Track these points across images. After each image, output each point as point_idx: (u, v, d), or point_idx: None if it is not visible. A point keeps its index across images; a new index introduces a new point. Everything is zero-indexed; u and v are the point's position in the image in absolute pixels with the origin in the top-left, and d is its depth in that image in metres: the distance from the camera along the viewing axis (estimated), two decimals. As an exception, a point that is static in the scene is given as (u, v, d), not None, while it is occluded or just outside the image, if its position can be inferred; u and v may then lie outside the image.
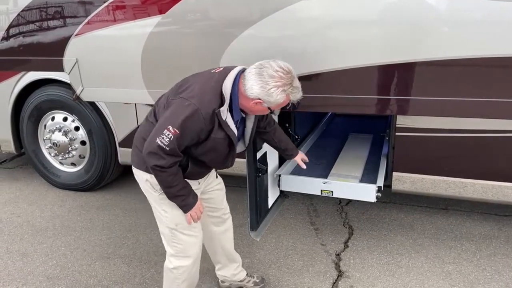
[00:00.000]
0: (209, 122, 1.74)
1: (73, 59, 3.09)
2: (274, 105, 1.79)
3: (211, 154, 1.87)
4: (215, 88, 1.76)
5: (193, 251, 2.01)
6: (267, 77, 1.73)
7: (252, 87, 1.74)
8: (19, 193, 3.85)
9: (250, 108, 1.82)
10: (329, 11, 2.39)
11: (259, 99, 1.76)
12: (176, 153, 1.74)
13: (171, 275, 2.04)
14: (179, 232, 1.96)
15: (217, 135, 1.80)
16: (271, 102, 1.76)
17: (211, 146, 1.82)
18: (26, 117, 3.75)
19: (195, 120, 1.71)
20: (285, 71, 1.75)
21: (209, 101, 1.73)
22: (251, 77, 1.75)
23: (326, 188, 2.75)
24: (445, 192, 2.70)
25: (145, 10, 2.77)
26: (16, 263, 2.77)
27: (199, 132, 1.75)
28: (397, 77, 2.39)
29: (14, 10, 3.27)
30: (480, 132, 2.51)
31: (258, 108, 1.81)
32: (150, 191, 1.94)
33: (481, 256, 2.69)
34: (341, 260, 2.70)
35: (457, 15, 2.21)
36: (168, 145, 1.70)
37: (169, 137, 1.69)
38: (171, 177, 1.78)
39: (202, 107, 1.71)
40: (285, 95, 1.76)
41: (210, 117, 1.73)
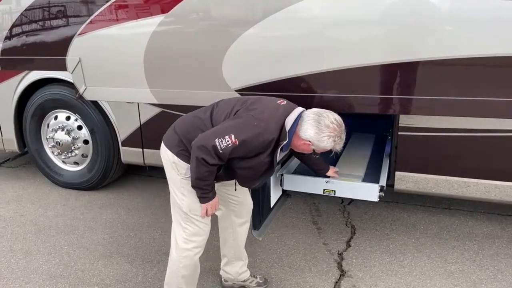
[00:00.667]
0: (265, 146, 1.88)
1: (76, 58, 3.09)
2: (320, 149, 1.97)
3: (248, 172, 1.96)
4: (279, 121, 1.92)
5: (200, 236, 2.06)
6: (323, 126, 1.91)
7: (307, 130, 1.91)
8: (22, 192, 3.87)
9: (298, 146, 1.98)
10: (331, 11, 2.39)
11: (309, 141, 1.93)
12: (224, 158, 1.84)
13: (175, 257, 2.08)
14: (191, 217, 2.02)
15: (264, 159, 1.92)
16: (319, 147, 1.94)
17: (253, 164, 1.92)
18: (29, 116, 3.76)
19: (256, 140, 1.84)
20: (339, 124, 1.94)
21: (273, 130, 1.88)
22: (309, 121, 1.92)
23: (329, 187, 2.76)
24: (448, 191, 2.70)
25: (147, 9, 2.78)
26: (19, 262, 2.78)
27: (252, 149, 1.87)
28: (400, 77, 2.39)
29: (17, 9, 3.27)
30: (483, 132, 2.50)
31: (304, 148, 1.97)
32: (174, 173, 2.00)
33: (484, 256, 2.68)
34: (344, 260, 2.70)
35: (461, 14, 2.21)
36: (224, 149, 1.80)
37: (228, 143, 1.79)
38: (207, 173, 1.87)
39: (266, 133, 1.86)
40: (333, 144, 1.94)
41: (268, 143, 1.87)
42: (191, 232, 2.04)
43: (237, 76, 2.67)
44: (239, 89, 2.68)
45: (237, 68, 2.66)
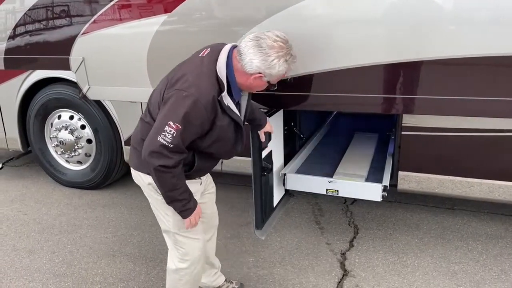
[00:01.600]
0: (211, 110, 1.66)
1: (80, 58, 3.10)
2: (275, 77, 1.74)
3: (219, 144, 1.79)
4: (209, 74, 1.68)
5: (195, 253, 1.98)
6: (267, 49, 1.65)
7: (251, 62, 1.66)
8: (25, 191, 3.88)
9: (249, 85, 1.74)
10: (334, 10, 2.38)
11: (259, 73, 1.68)
12: (181, 150, 1.66)
13: (174, 276, 2.03)
14: (182, 235, 1.92)
15: (222, 122, 1.72)
16: (272, 75, 1.71)
17: (218, 135, 1.75)
18: (33, 116, 3.77)
19: (197, 111, 1.63)
20: (284, 40, 1.69)
21: (207, 88, 1.65)
22: (249, 50, 1.67)
23: (332, 187, 2.74)
24: (451, 191, 2.69)
25: (150, 9, 2.78)
26: (23, 260, 2.79)
27: (202, 123, 1.67)
28: (403, 76, 2.38)
29: (21, 9, 3.28)
30: (487, 131, 2.49)
31: (257, 83, 1.74)
32: (154, 195, 1.88)
33: (488, 256, 2.67)
34: (346, 259, 2.69)
35: (464, 13, 2.20)
36: (171, 142, 1.61)
37: (171, 133, 1.61)
38: (175, 179, 1.69)
39: (201, 96, 1.63)
40: (287, 65, 1.71)
41: (211, 105, 1.65)
42: (185, 251, 1.95)
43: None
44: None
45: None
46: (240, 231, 3.06)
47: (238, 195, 3.60)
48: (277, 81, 1.82)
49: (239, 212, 3.34)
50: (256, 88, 1.80)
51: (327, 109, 3.78)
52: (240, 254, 2.79)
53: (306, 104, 2.69)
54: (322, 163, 3.27)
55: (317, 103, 2.64)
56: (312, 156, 3.44)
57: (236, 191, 3.68)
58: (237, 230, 3.07)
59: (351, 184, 2.74)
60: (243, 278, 2.53)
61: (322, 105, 2.71)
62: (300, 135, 3.39)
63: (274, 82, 1.78)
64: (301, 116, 3.39)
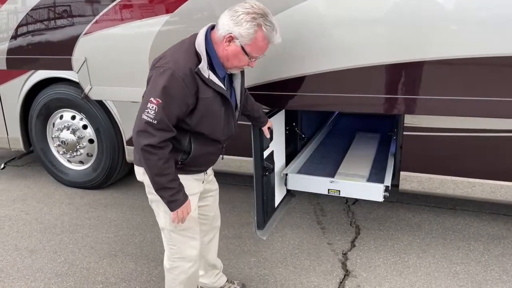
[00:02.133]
0: (191, 83, 1.64)
1: (82, 58, 3.11)
2: (246, 40, 1.65)
3: (209, 121, 1.76)
4: (188, 49, 1.69)
5: (190, 253, 1.97)
6: (237, 7, 1.65)
7: (223, 24, 1.66)
8: (27, 190, 3.89)
9: (226, 55, 1.70)
10: (336, 10, 2.38)
11: (230, 33, 1.65)
12: (166, 127, 1.64)
13: (169, 275, 2.03)
14: (178, 234, 1.92)
15: (206, 95, 1.69)
16: (242, 35, 1.64)
17: (204, 109, 1.71)
18: (35, 116, 3.78)
19: (175, 83, 1.61)
20: (256, 5, 1.67)
21: (184, 61, 1.64)
22: (221, 16, 1.68)
23: (333, 187, 2.75)
24: (453, 192, 2.69)
25: (152, 9, 2.79)
26: (25, 260, 2.79)
27: (184, 96, 1.65)
28: (404, 76, 2.38)
29: (23, 9, 3.29)
30: (489, 132, 2.49)
31: (232, 50, 1.68)
32: (153, 191, 1.85)
33: (489, 257, 2.67)
34: (348, 260, 2.69)
35: (465, 13, 2.20)
36: (154, 117, 1.60)
37: (153, 109, 1.60)
38: (162, 162, 1.66)
39: (178, 69, 1.62)
40: (257, 26, 1.64)
41: (189, 78, 1.63)
42: (180, 250, 1.94)
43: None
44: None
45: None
46: (241, 231, 3.06)
47: (240, 195, 3.61)
48: (256, 53, 1.72)
49: (241, 212, 3.34)
50: (235, 59, 1.72)
51: (328, 109, 3.78)
52: (242, 254, 2.79)
53: (307, 104, 2.70)
54: (324, 163, 3.28)
55: (319, 103, 2.64)
56: (314, 156, 3.45)
57: (237, 191, 3.68)
58: (239, 230, 3.07)
59: (353, 184, 2.74)
60: (244, 278, 2.53)
61: (324, 106, 2.72)
62: (301, 135, 3.40)
63: (250, 51, 1.68)
64: (303, 117, 3.39)
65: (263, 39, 1.69)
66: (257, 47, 1.70)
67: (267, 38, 1.69)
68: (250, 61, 1.76)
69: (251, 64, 1.78)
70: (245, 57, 1.71)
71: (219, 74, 1.74)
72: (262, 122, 2.34)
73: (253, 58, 1.75)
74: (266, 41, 1.70)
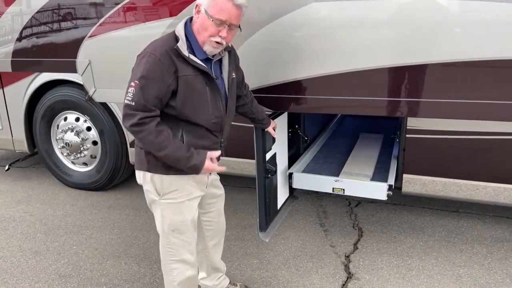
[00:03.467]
0: (167, 62, 1.67)
1: (86, 61, 3.13)
2: (207, 4, 1.69)
3: (194, 101, 1.75)
4: (168, 36, 1.77)
5: (187, 256, 1.97)
6: None
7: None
8: (31, 192, 3.91)
9: (197, 28, 1.74)
10: (340, 13, 2.39)
11: (197, 4, 1.73)
12: (145, 108, 1.66)
13: (167, 277, 2.03)
14: (175, 237, 1.92)
15: (185, 73, 1.71)
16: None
17: (186, 89, 1.72)
18: (39, 117, 3.81)
19: (152, 64, 1.66)
20: None
21: (162, 44, 1.71)
22: None
23: (338, 186, 2.78)
24: (456, 194, 2.68)
25: (156, 12, 2.80)
26: (29, 261, 2.81)
27: (161, 75, 1.67)
28: (407, 79, 2.39)
29: (28, 12, 3.32)
30: (492, 134, 2.49)
31: (201, 19, 1.72)
32: (150, 195, 1.89)
33: (493, 260, 2.66)
34: (351, 262, 2.69)
35: (468, 16, 2.20)
36: (132, 99, 1.66)
37: (132, 91, 1.66)
38: (153, 136, 1.68)
39: (154, 51, 1.68)
40: None
41: (166, 57, 1.67)
42: (177, 253, 1.95)
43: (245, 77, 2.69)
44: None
45: (245, 69, 2.67)
46: (244, 233, 3.07)
47: (242, 197, 3.61)
48: (218, 15, 1.70)
49: (243, 214, 3.35)
50: (203, 30, 1.72)
51: (331, 112, 3.80)
52: (244, 256, 2.79)
53: (310, 107, 2.71)
54: (328, 163, 3.31)
55: (323, 106, 2.65)
56: (318, 156, 3.48)
57: (240, 193, 3.69)
58: (241, 232, 3.08)
59: (357, 183, 2.77)
60: (247, 281, 2.53)
61: (327, 108, 2.73)
62: (304, 138, 3.40)
63: (212, 13, 1.69)
64: (305, 119, 3.40)
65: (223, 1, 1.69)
66: (218, 7, 1.70)
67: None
68: (217, 27, 1.71)
69: (222, 33, 1.73)
70: (209, 21, 1.70)
71: (198, 55, 1.76)
72: (265, 124, 2.37)
73: (217, 21, 1.71)
74: (227, 1, 1.70)
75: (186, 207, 1.91)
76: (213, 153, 1.84)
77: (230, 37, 1.79)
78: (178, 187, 1.86)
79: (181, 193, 1.88)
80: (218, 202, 2.18)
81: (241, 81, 2.16)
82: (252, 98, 2.26)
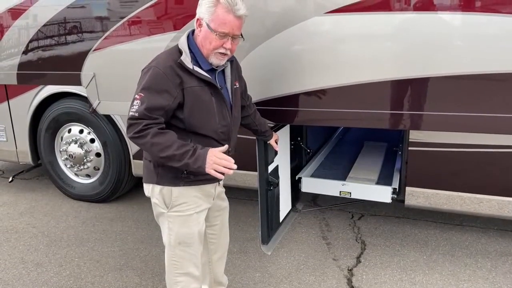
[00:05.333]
0: (172, 74, 1.69)
1: (91, 73, 3.17)
2: (208, 15, 1.70)
3: (201, 112, 1.76)
4: (171, 50, 1.79)
5: (192, 270, 1.96)
6: None
7: (198, 13, 1.76)
8: (35, 203, 3.92)
9: (200, 41, 1.75)
10: (342, 27, 2.41)
11: (198, 18, 1.74)
12: (148, 116, 1.67)
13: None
14: (180, 250, 1.92)
15: (191, 84, 1.72)
16: (204, 12, 1.71)
17: (193, 99, 1.73)
18: (44, 129, 3.84)
19: (156, 77, 1.68)
20: None
21: (166, 58, 1.73)
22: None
23: (345, 189, 2.94)
24: (460, 208, 2.67)
25: (160, 26, 2.84)
26: (31, 273, 2.80)
27: (166, 87, 1.68)
28: (409, 92, 2.40)
29: (35, 25, 3.37)
30: (496, 148, 2.49)
31: (203, 33, 1.73)
32: (160, 208, 1.89)
33: (497, 274, 2.63)
34: (354, 276, 2.67)
35: (472, 30, 2.21)
36: (136, 110, 1.67)
37: (137, 104, 1.68)
38: (157, 137, 1.66)
39: (159, 64, 1.71)
40: (217, 2, 1.69)
41: (170, 70, 1.69)
42: (183, 266, 1.95)
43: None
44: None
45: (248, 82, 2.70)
46: (246, 246, 3.05)
47: (244, 210, 3.60)
48: (221, 28, 1.71)
49: (245, 226, 3.34)
50: (207, 42, 1.74)
51: (333, 125, 3.82)
52: (247, 269, 2.77)
53: (313, 120, 2.72)
54: (334, 169, 3.44)
55: (323, 118, 2.66)
56: (325, 164, 3.64)
57: (242, 205, 3.68)
58: (244, 245, 3.06)
59: (363, 187, 2.93)
60: (249, 294, 2.51)
61: (329, 121, 2.74)
62: (306, 150, 3.41)
63: (214, 27, 1.70)
64: (308, 131, 3.41)
65: (224, 11, 1.70)
66: (219, 21, 1.70)
67: (228, 9, 1.70)
68: (220, 39, 1.73)
69: (226, 44, 1.75)
70: (213, 35, 1.71)
71: (203, 66, 1.78)
72: (267, 136, 2.38)
73: (221, 34, 1.72)
74: (227, 14, 1.70)
75: (193, 220, 1.91)
76: (216, 149, 1.75)
77: (234, 47, 1.81)
78: (186, 200, 1.87)
79: (189, 206, 1.88)
80: (223, 215, 2.18)
81: (244, 92, 2.17)
82: (255, 110, 2.27)
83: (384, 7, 2.31)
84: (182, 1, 2.75)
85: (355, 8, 2.33)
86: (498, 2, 2.15)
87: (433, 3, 2.24)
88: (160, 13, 2.82)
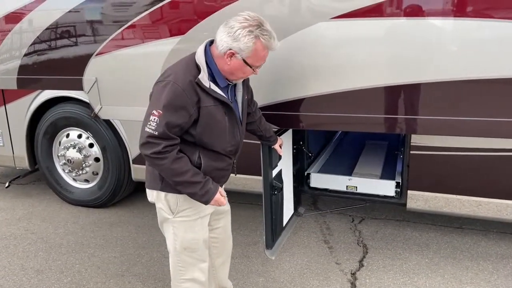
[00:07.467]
0: (191, 93, 1.68)
1: (93, 78, 3.15)
2: (246, 53, 1.68)
3: (213, 130, 1.78)
4: (188, 62, 1.75)
5: (198, 275, 1.96)
6: (232, 22, 1.67)
7: (221, 40, 1.68)
8: (32, 209, 3.87)
9: (230, 69, 1.74)
10: (345, 33, 2.43)
11: (230, 49, 1.68)
12: (168, 136, 1.67)
13: None
14: (186, 256, 1.92)
15: (207, 104, 1.73)
16: (242, 49, 1.67)
17: (207, 118, 1.74)
18: (41, 134, 3.80)
19: (176, 94, 1.66)
20: (250, 16, 1.69)
21: (184, 73, 1.70)
22: (218, 32, 1.71)
23: (351, 184, 3.12)
24: (459, 210, 2.70)
25: (163, 31, 2.84)
26: (31, 280, 2.77)
27: (185, 106, 1.68)
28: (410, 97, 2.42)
29: (36, 29, 3.33)
30: (495, 151, 2.52)
31: (235, 64, 1.71)
32: (165, 214, 1.90)
33: (499, 276, 2.66)
34: (357, 280, 2.68)
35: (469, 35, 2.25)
36: (156, 129, 1.65)
37: (155, 121, 1.65)
38: (176, 163, 1.69)
39: (178, 80, 1.67)
40: (255, 38, 1.66)
41: (189, 87, 1.68)
42: (189, 272, 1.95)
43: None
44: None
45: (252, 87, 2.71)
46: (249, 251, 3.05)
47: (245, 214, 3.60)
48: (258, 63, 1.76)
49: (248, 231, 3.33)
50: (239, 72, 1.76)
51: (334, 129, 3.86)
52: (250, 274, 2.77)
53: (315, 124, 2.73)
54: (339, 166, 3.59)
55: (325, 123, 2.68)
56: (329, 161, 3.81)
57: (243, 209, 3.67)
58: (246, 250, 3.06)
59: (368, 181, 3.11)
60: (253, 299, 2.51)
61: (330, 125, 2.76)
62: (308, 154, 3.42)
63: (252, 63, 1.72)
64: (310, 136, 3.42)
65: (263, 49, 1.72)
66: (258, 57, 1.74)
67: (267, 47, 1.73)
68: (254, 71, 1.80)
69: (256, 72, 1.81)
70: (248, 68, 1.75)
71: (220, 84, 1.78)
72: (272, 141, 2.39)
73: (257, 68, 1.79)
74: (266, 50, 1.74)
75: (198, 225, 1.91)
76: (221, 189, 1.89)
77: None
78: (191, 205, 1.87)
79: (194, 211, 1.89)
80: (225, 218, 2.18)
81: (251, 99, 2.18)
82: (261, 116, 2.28)
83: (391, 13, 2.33)
84: (186, 5, 2.74)
85: (360, 13, 2.35)
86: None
87: (440, 9, 2.26)
88: (163, 17, 2.81)
